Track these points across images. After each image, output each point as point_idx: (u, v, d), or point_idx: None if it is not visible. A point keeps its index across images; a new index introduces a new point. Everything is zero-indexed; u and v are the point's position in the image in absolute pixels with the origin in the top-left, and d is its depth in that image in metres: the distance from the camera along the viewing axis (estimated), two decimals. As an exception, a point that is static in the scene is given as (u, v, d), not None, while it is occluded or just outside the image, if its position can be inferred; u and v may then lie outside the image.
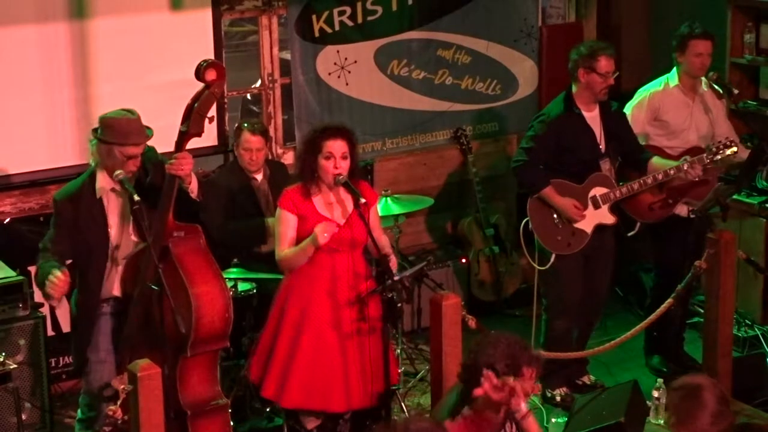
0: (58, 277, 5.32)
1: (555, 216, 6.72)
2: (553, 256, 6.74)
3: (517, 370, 4.60)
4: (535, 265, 6.84)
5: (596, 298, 6.94)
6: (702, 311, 7.05)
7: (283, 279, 5.96)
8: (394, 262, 5.88)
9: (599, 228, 6.78)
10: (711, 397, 4.29)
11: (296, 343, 5.81)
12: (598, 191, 6.76)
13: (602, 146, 6.76)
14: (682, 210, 7.03)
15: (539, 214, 6.74)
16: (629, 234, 6.96)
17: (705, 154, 6.72)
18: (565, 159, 6.70)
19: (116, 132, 5.50)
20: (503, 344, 4.66)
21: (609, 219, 6.81)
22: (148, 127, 5.63)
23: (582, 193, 6.74)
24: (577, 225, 6.73)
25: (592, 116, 6.74)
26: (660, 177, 6.75)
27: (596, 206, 6.76)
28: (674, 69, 7.04)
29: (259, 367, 5.92)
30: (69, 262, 5.60)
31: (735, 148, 6.74)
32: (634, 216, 6.96)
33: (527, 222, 6.78)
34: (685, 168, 6.69)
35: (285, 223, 5.82)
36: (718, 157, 6.72)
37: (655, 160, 6.82)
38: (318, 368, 5.79)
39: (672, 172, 6.73)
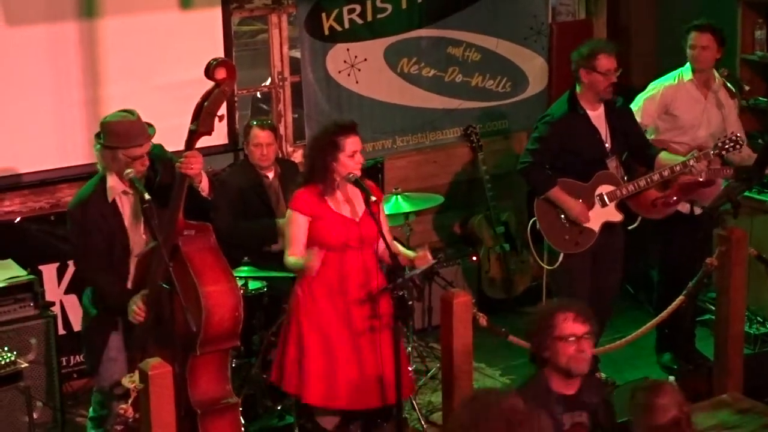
0: (141, 308, 5.44)
1: (562, 216, 6.72)
2: (562, 255, 6.74)
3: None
4: (544, 265, 6.85)
5: (606, 295, 6.93)
6: (713, 308, 7.04)
7: (297, 281, 5.93)
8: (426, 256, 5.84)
9: (607, 226, 6.78)
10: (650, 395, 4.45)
11: (324, 345, 5.79)
12: (604, 189, 6.76)
13: (608, 145, 6.75)
14: (685, 207, 7.02)
15: (546, 214, 6.74)
16: (630, 227, 6.96)
17: (711, 150, 6.71)
18: (570, 159, 6.70)
19: (118, 136, 5.50)
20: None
21: (616, 217, 6.81)
22: (150, 125, 5.63)
23: (588, 191, 6.74)
24: (585, 224, 6.74)
25: (597, 115, 6.73)
26: (666, 174, 6.74)
27: (603, 204, 6.76)
28: (687, 63, 7.03)
29: (294, 374, 5.87)
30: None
31: (741, 148, 6.73)
32: (636, 211, 6.96)
33: (535, 222, 6.79)
34: (691, 163, 6.68)
35: (296, 226, 5.79)
36: (724, 153, 6.71)
37: (663, 156, 6.82)
38: (337, 367, 5.79)
39: (678, 168, 6.73)
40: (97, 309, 5.70)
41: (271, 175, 7.00)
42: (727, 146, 6.69)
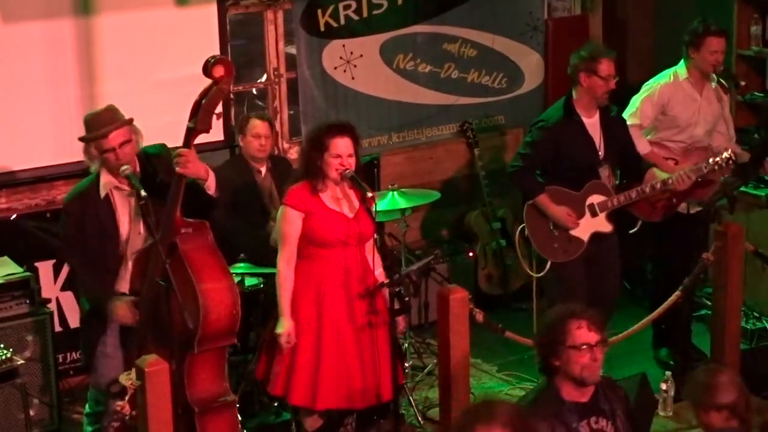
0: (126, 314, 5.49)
1: (551, 223, 6.68)
2: (548, 263, 6.71)
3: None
4: (532, 273, 6.84)
5: (605, 300, 6.80)
6: (710, 304, 7.04)
7: (295, 276, 5.92)
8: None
9: (596, 236, 6.74)
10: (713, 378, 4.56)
11: (319, 344, 5.77)
12: (595, 199, 6.71)
13: (601, 153, 6.70)
14: (682, 207, 7.02)
15: (535, 221, 6.70)
16: (631, 231, 6.95)
17: (704, 164, 6.73)
18: (563, 166, 6.66)
19: (89, 129, 5.50)
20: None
21: (606, 227, 6.76)
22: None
23: (579, 200, 6.70)
24: (574, 233, 6.69)
25: (592, 122, 6.69)
26: (658, 186, 6.74)
27: (593, 214, 6.71)
28: (682, 61, 7.01)
29: (283, 375, 5.84)
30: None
31: (727, 153, 6.74)
32: (636, 215, 6.94)
33: (524, 228, 6.76)
34: (670, 182, 6.71)
35: (289, 222, 5.78)
36: (716, 169, 6.73)
37: (654, 170, 6.81)
38: (342, 366, 5.78)
39: (670, 181, 6.73)
40: (90, 304, 5.70)
41: (263, 170, 7.00)
42: (720, 164, 6.71)
